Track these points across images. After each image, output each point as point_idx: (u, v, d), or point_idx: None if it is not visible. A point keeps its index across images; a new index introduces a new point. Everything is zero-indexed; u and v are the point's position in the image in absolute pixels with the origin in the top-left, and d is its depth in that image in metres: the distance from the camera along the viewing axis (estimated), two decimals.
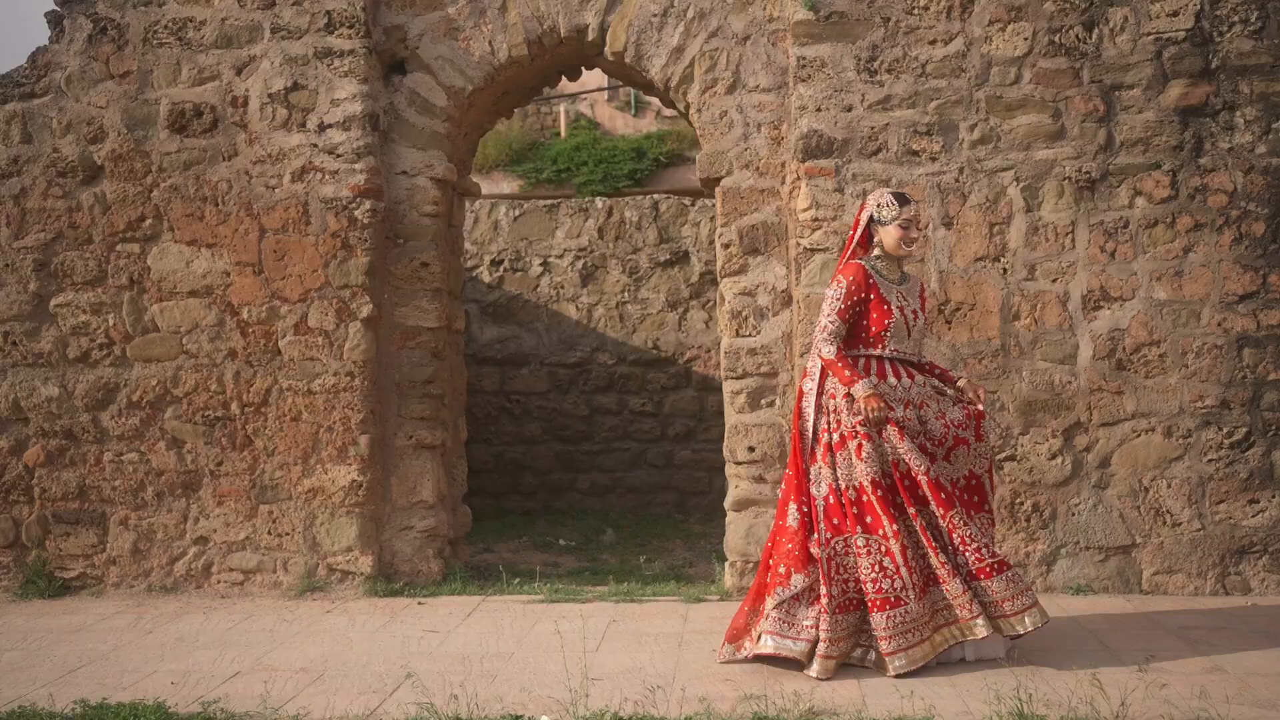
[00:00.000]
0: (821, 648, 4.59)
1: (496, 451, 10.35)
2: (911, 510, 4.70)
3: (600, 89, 13.92)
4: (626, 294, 10.29)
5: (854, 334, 4.94)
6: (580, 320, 10.32)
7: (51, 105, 6.66)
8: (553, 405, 10.32)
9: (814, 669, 4.59)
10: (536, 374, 10.35)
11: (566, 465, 10.33)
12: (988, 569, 4.68)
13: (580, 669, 4.76)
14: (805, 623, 4.67)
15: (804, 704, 4.22)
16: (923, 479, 4.71)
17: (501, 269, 10.41)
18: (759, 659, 4.74)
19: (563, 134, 14.31)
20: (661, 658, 5.02)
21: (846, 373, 4.83)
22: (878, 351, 4.94)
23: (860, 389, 4.78)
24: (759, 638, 4.73)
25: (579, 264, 10.35)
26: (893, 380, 4.91)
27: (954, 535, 4.70)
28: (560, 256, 10.38)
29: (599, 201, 10.56)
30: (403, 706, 4.37)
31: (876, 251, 5.05)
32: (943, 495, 4.71)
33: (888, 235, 4.99)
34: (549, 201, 10.78)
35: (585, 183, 13.56)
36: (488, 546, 8.33)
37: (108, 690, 4.68)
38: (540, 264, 10.39)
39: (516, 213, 10.52)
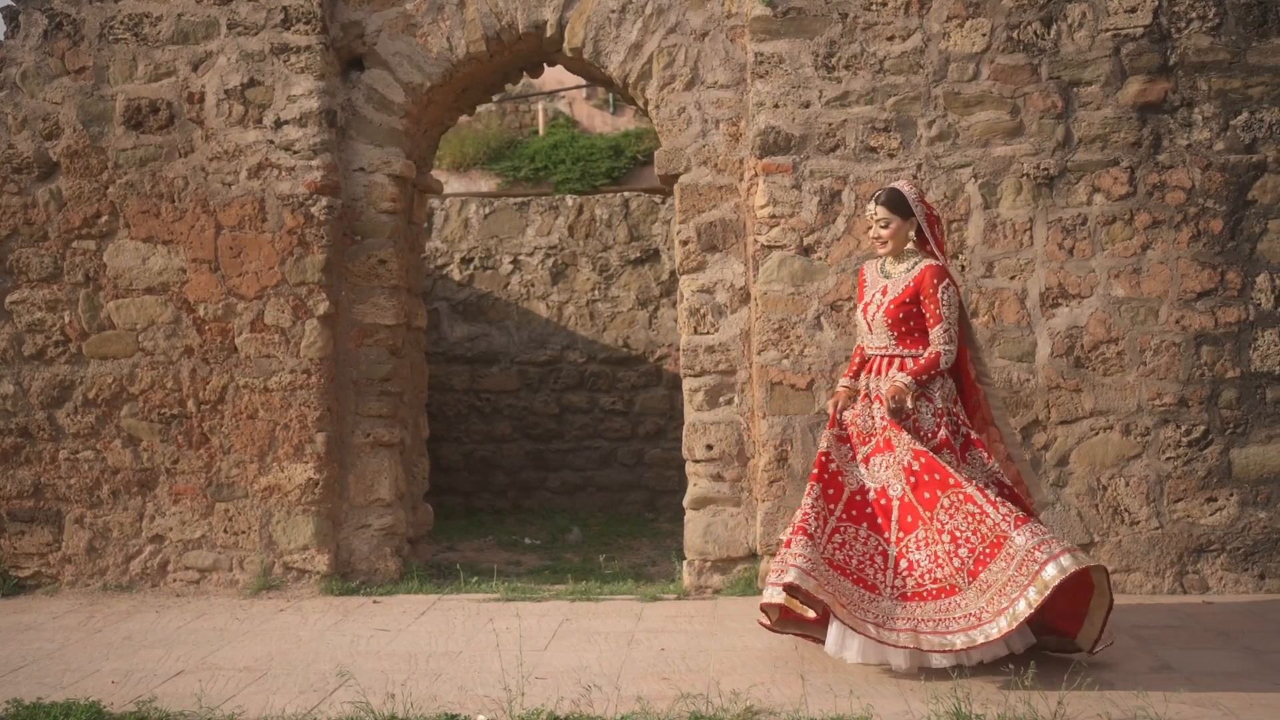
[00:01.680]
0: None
1: (467, 450, 10.31)
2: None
3: (578, 87, 13.88)
4: (597, 292, 10.26)
5: None
6: (551, 318, 10.28)
7: (7, 101, 6.62)
8: (523, 404, 10.28)
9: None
10: (507, 372, 10.31)
11: (537, 464, 10.29)
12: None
13: (526, 668, 4.73)
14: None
15: (742, 703, 4.20)
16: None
17: (472, 267, 10.36)
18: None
19: (541, 132, 14.27)
20: (609, 656, 5.00)
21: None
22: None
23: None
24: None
25: (549, 262, 10.31)
26: (867, 375, 5.02)
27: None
28: (530, 254, 10.34)
29: (569, 199, 10.52)
30: (340, 706, 4.34)
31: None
32: (826, 475, 4.85)
33: None
34: (519, 199, 10.74)
35: (563, 181, 13.53)
36: (451, 545, 8.29)
37: (47, 689, 4.64)
38: (510, 262, 10.35)
39: (487, 210, 10.48)
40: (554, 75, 11.04)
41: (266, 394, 6.49)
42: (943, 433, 4.76)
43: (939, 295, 4.84)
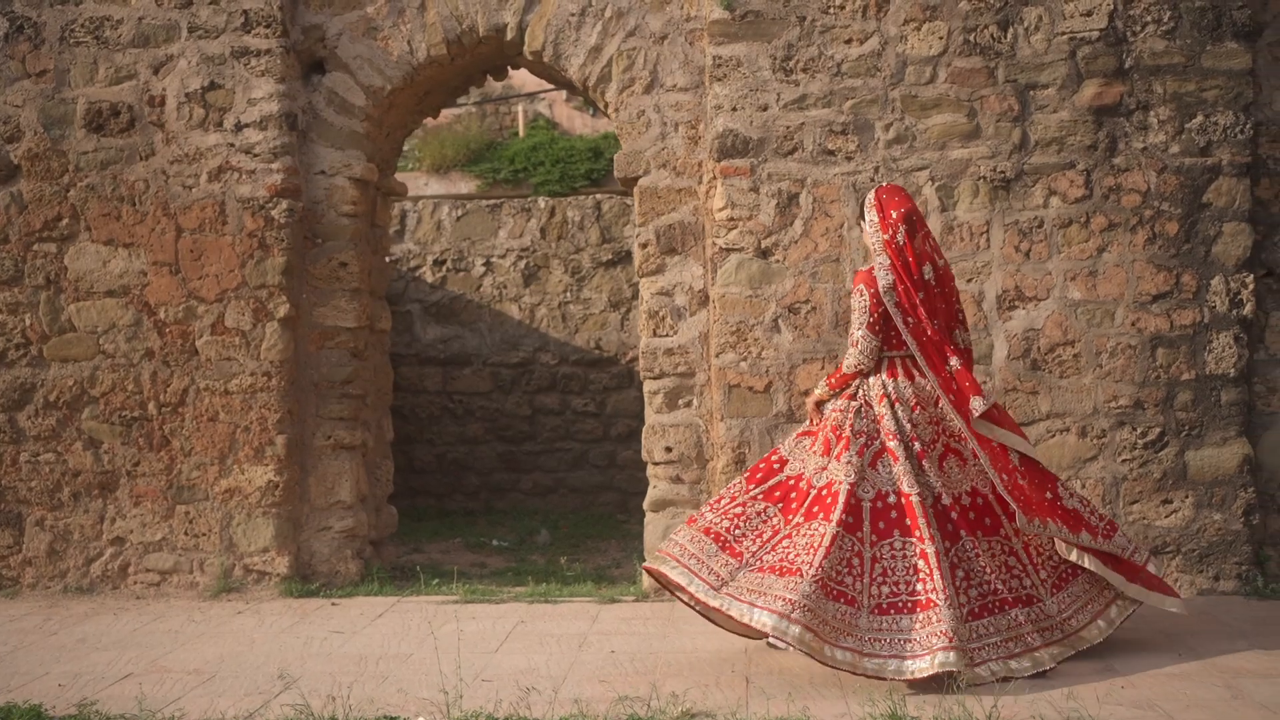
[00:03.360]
0: None
1: (439, 452, 10.33)
2: None
3: (559, 88, 13.86)
4: (569, 294, 10.28)
5: None
6: (523, 320, 10.30)
7: None
8: (495, 405, 10.30)
9: None
10: (479, 374, 10.33)
11: (509, 465, 10.31)
12: None
13: (474, 670, 4.76)
14: None
15: (680, 706, 4.21)
16: None
17: (444, 269, 10.39)
18: None
19: (521, 134, 14.25)
20: (559, 659, 5.01)
21: None
22: None
23: None
24: None
25: (521, 264, 10.34)
26: None
27: None
28: (503, 256, 10.37)
29: (541, 201, 10.55)
30: (281, 709, 4.35)
31: None
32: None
33: None
34: (492, 201, 10.76)
35: (542, 182, 13.48)
36: (418, 547, 8.31)
37: None
38: (483, 264, 10.38)
39: (459, 213, 10.51)
40: (534, 77, 11.03)
41: (227, 396, 6.50)
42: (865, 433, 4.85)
43: (852, 301, 4.93)
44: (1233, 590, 6.02)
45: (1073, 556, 4.79)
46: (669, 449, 6.41)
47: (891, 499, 4.70)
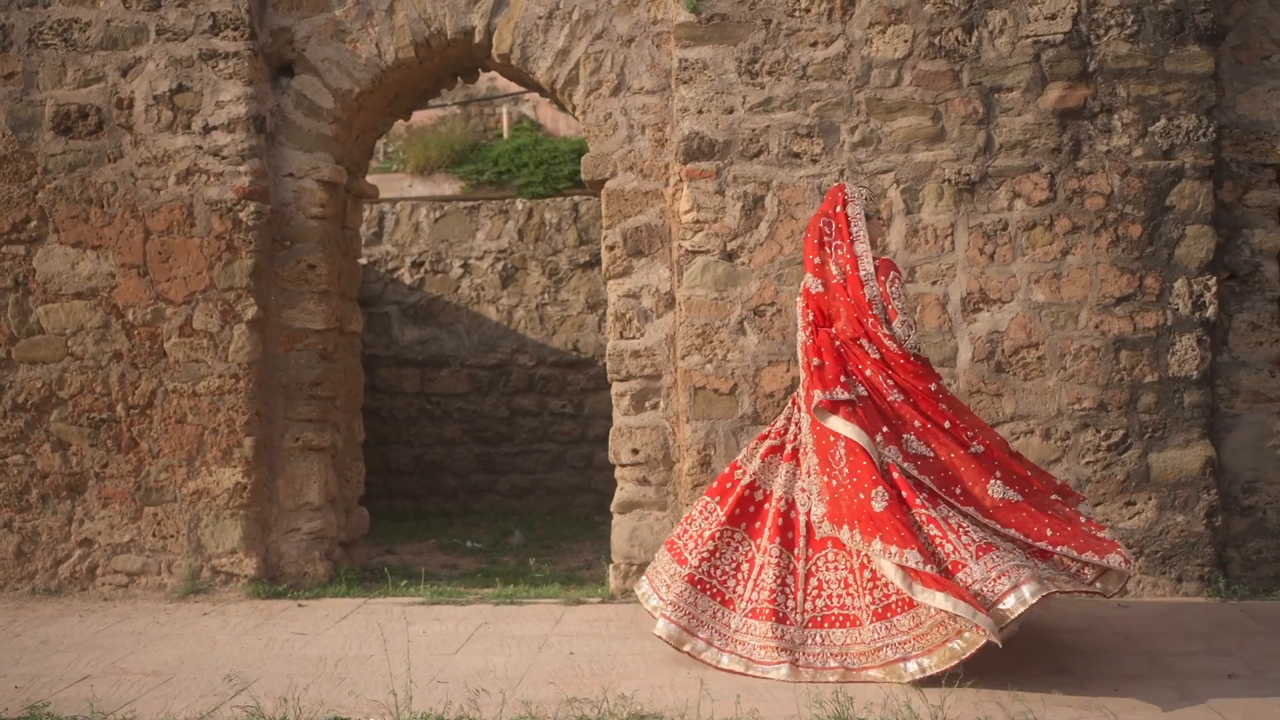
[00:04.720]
0: None
1: (417, 453, 10.35)
2: None
3: (528, 91, 13.87)
4: (546, 295, 10.31)
5: None
6: (501, 322, 10.32)
7: None
8: (473, 407, 10.32)
9: None
10: (457, 375, 10.35)
11: (486, 467, 10.33)
12: None
13: (432, 671, 4.77)
14: None
15: (629, 707, 4.22)
16: None
17: (422, 270, 10.41)
18: None
19: (505, 135, 14.26)
20: (517, 660, 5.03)
21: None
22: None
23: None
24: None
25: (499, 265, 10.36)
26: None
27: None
28: (481, 258, 10.38)
29: (519, 203, 10.57)
30: (233, 710, 4.36)
31: None
32: None
33: None
34: (470, 203, 10.78)
35: (526, 184, 13.50)
36: (391, 548, 8.32)
37: None
38: (461, 265, 10.40)
39: (437, 215, 10.53)
40: None
41: (195, 398, 6.51)
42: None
43: None
44: (1195, 592, 6.04)
45: (887, 570, 4.42)
46: (636, 451, 6.42)
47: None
